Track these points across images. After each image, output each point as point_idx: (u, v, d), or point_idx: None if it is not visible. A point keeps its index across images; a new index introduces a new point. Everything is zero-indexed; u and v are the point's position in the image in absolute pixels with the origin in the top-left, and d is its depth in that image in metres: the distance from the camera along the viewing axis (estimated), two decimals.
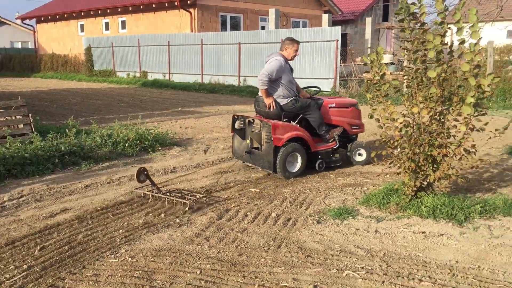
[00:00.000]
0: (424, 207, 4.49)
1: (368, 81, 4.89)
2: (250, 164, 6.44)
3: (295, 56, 6.27)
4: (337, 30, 16.01)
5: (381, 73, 4.71)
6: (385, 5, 32.32)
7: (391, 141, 4.75)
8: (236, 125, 6.45)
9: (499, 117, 10.53)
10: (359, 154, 6.67)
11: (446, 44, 4.44)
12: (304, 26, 26.58)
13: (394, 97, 6.13)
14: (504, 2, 10.23)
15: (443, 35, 4.36)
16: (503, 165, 6.45)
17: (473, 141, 4.45)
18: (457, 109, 4.42)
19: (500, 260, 3.56)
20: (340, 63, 17.06)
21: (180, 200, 4.95)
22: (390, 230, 4.19)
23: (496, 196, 4.78)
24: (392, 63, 21.25)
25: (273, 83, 6.11)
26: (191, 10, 22.19)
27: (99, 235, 4.15)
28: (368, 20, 23.75)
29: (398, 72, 16.64)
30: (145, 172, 5.22)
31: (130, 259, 3.67)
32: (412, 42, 4.51)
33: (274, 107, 6.12)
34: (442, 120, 4.56)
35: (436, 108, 4.50)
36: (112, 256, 3.74)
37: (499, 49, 20.57)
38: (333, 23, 24.37)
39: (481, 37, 4.16)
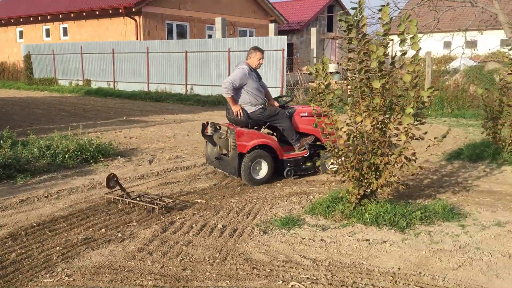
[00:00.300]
0: (368, 214, 4.56)
1: (313, 90, 4.92)
2: (220, 170, 6.52)
3: (259, 64, 6.35)
4: (283, 39, 16.19)
5: (326, 83, 4.76)
6: (330, 16, 33.15)
7: (336, 150, 4.80)
8: (209, 132, 6.50)
9: (437, 125, 10.96)
10: (332, 163, 6.68)
11: (388, 54, 4.55)
12: (251, 35, 26.74)
13: (338, 105, 6.23)
14: (441, 14, 10.70)
15: (386, 46, 4.47)
16: (442, 171, 6.69)
17: (413, 149, 4.57)
18: (398, 119, 4.53)
19: (440, 265, 3.65)
20: (287, 72, 17.25)
21: (149, 205, 4.99)
22: (335, 238, 4.22)
23: (436, 202, 4.93)
24: (337, 72, 21.73)
25: (239, 90, 6.18)
26: (136, 17, 21.80)
27: (34, 253, 3.91)
28: (313, 30, 24.24)
29: (342, 81, 17.02)
30: (115, 178, 5.19)
31: (66, 278, 3.48)
32: (359, 52, 4.58)
33: (242, 115, 6.17)
34: (384, 129, 4.66)
35: (378, 117, 4.59)
36: (48, 275, 3.53)
37: (436, 59, 21.46)
38: (279, 32, 24.68)
39: (421, 48, 4.29)
